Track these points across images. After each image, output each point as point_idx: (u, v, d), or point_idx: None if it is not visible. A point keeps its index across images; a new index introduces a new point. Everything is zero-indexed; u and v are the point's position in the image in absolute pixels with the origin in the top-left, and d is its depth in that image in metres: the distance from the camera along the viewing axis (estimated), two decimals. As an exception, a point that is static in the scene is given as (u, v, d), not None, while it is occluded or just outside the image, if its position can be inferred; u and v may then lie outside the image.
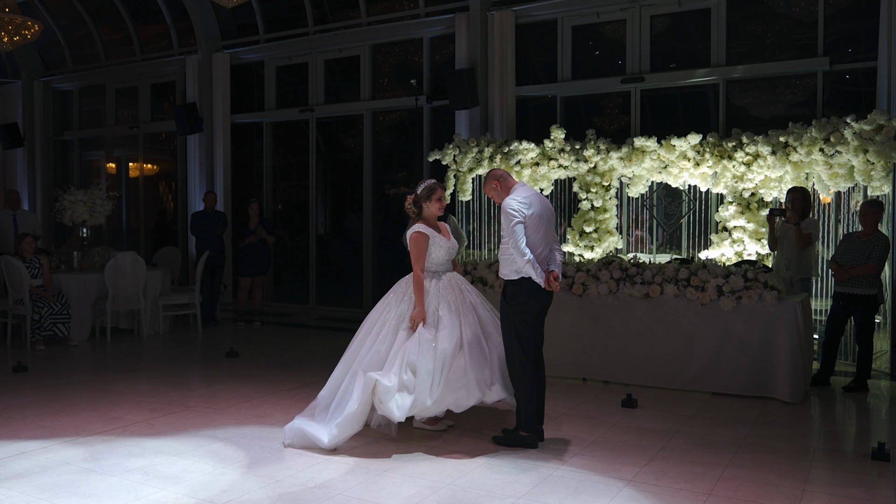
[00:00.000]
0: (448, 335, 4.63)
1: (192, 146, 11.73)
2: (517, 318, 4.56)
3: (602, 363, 6.41)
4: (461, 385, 4.59)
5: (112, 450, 4.56)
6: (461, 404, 4.60)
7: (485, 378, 4.65)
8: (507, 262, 4.59)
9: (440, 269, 4.96)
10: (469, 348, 4.66)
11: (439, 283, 4.86)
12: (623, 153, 8.14)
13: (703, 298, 5.95)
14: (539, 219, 4.55)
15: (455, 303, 4.80)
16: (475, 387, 4.59)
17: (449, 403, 4.59)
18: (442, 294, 4.81)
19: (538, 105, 9.84)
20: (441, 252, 4.92)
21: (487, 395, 4.66)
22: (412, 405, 4.50)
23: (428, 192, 4.94)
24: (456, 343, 4.63)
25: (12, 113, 13.79)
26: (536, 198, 4.62)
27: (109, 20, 12.92)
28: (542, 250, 4.59)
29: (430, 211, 4.95)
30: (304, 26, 11.02)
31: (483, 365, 4.66)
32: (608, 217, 8.45)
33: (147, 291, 8.71)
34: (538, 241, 4.56)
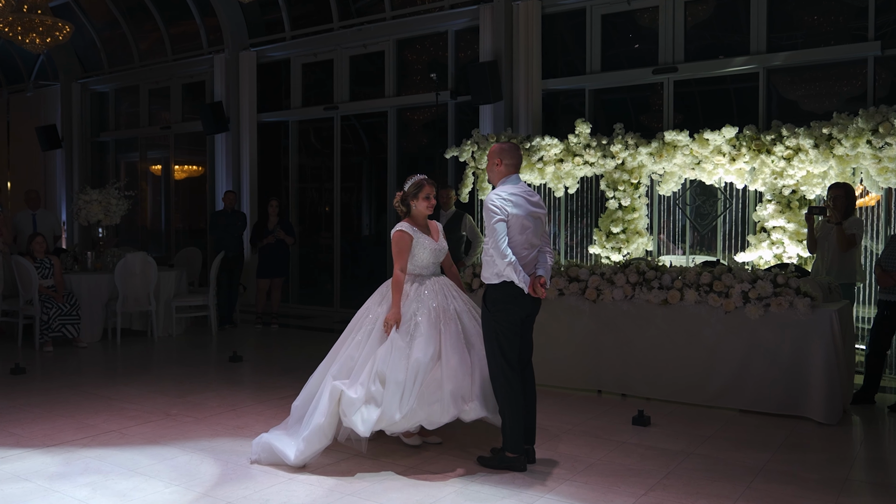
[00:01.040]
0: (424, 344, 4.23)
1: (220, 146, 11.61)
2: (499, 325, 4.12)
3: (618, 374, 5.89)
4: (435, 399, 4.17)
5: (71, 461, 4.30)
6: (434, 420, 4.19)
7: (463, 393, 4.22)
8: (488, 264, 4.15)
9: (425, 272, 4.56)
10: (447, 359, 4.25)
11: (421, 288, 4.46)
12: (653, 148, 7.58)
13: (728, 306, 5.39)
14: (524, 218, 4.10)
15: (437, 310, 4.39)
16: (450, 402, 4.17)
17: (420, 419, 4.18)
18: (423, 299, 4.41)
19: (566, 99, 9.34)
20: (426, 254, 4.52)
21: (465, 413, 4.22)
22: (379, 419, 4.11)
23: (415, 188, 4.55)
24: (433, 353, 4.23)
25: (52, 115, 13.96)
26: (524, 195, 4.18)
27: (142, 21, 12.93)
28: (527, 253, 4.14)
29: (417, 209, 4.55)
30: (328, 22, 10.76)
31: (462, 379, 4.24)
32: (637, 217, 7.90)
33: (160, 292, 8.54)
34: (522, 243, 4.11)
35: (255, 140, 11.41)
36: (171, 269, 8.95)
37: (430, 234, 4.58)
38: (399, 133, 10.44)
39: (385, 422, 4.13)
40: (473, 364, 4.30)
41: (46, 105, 14.08)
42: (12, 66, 14.76)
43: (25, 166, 14.53)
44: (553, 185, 8.24)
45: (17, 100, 14.70)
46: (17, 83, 14.79)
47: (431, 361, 4.20)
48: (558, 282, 6.06)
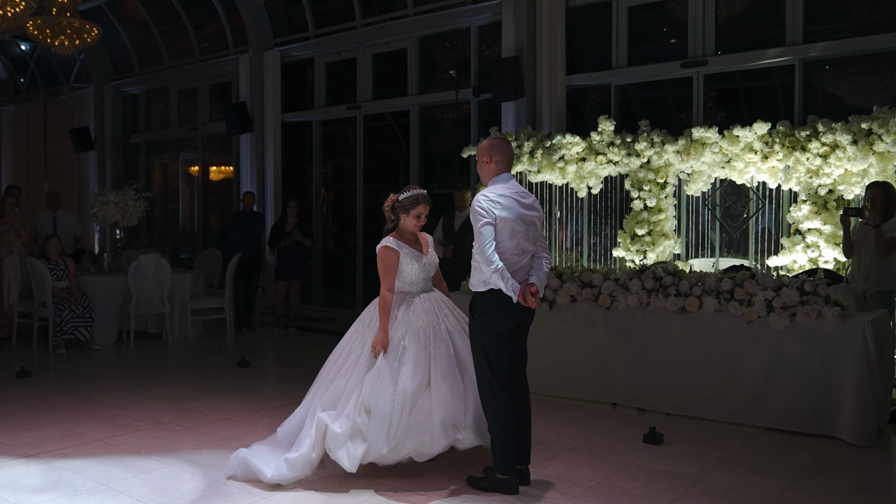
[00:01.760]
0: (411, 371, 3.95)
1: (244, 146, 11.52)
2: (486, 336, 3.81)
3: (633, 387, 5.53)
4: (425, 430, 3.90)
5: (46, 473, 4.15)
6: (424, 452, 3.91)
7: (455, 421, 3.93)
8: (476, 271, 3.85)
9: (414, 288, 4.25)
10: (437, 386, 3.96)
11: (410, 308, 4.17)
12: (680, 146, 7.18)
13: (750, 315, 4.98)
14: (514, 222, 3.78)
15: (426, 331, 4.10)
16: (441, 432, 3.89)
17: (410, 451, 3.91)
18: (411, 320, 4.12)
19: (592, 96, 8.97)
20: (414, 269, 4.21)
21: (458, 442, 3.94)
22: (366, 453, 3.86)
23: (411, 203, 4.20)
24: (420, 381, 3.95)
25: (86, 117, 14.09)
26: (516, 195, 3.85)
27: (170, 22, 12.94)
28: (518, 259, 3.82)
29: (406, 224, 4.26)
30: (351, 19, 10.57)
31: (454, 406, 3.95)
32: (663, 218, 7.49)
33: (175, 295, 8.44)
34: (512, 248, 3.79)
35: (279, 140, 11.29)
36: (188, 271, 8.85)
37: (419, 247, 4.29)
38: (423, 132, 10.19)
39: (373, 455, 3.88)
40: (466, 389, 4.01)
41: (80, 107, 14.23)
42: (49, 69, 14.96)
43: (61, 168, 14.72)
44: (575, 185, 7.89)
45: (53, 103, 14.90)
46: (53, 86, 14.98)
47: (419, 390, 3.94)
48: (570, 287, 5.72)
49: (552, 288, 5.81)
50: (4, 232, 8.31)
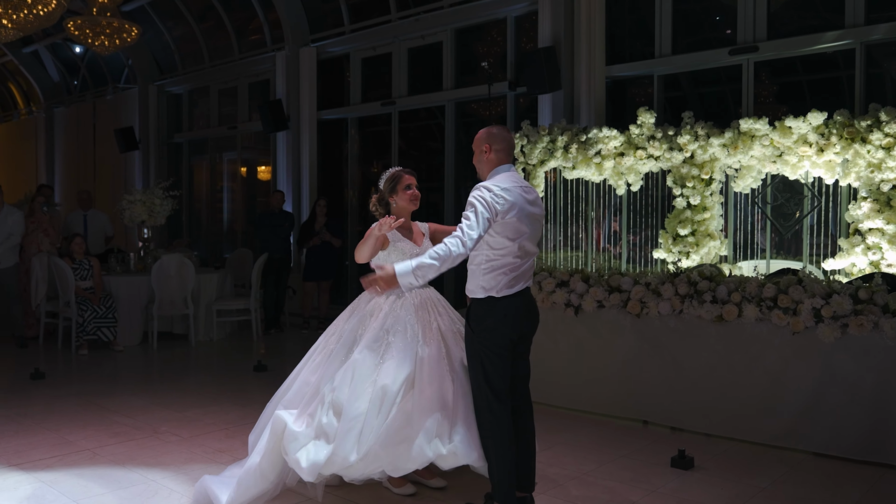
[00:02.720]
0: (394, 368, 3.51)
1: (281, 144, 11.35)
2: (484, 349, 3.38)
3: (665, 403, 5.03)
4: (402, 438, 3.40)
5: (20, 485, 3.92)
6: (400, 466, 3.41)
7: (440, 432, 3.43)
8: (474, 274, 3.44)
9: None
10: (421, 390, 3.49)
11: (399, 301, 3.75)
12: (726, 139, 6.59)
13: (796, 325, 4.44)
14: (519, 221, 3.32)
15: (415, 328, 3.67)
16: (423, 443, 3.37)
17: (384, 463, 3.42)
18: (399, 314, 3.70)
19: (634, 87, 8.43)
20: (403, 260, 3.79)
21: (442, 458, 3.42)
22: (329, 459, 3.37)
23: (391, 182, 3.88)
24: (404, 380, 3.50)
25: (131, 117, 14.18)
26: (520, 190, 3.41)
27: (210, 20, 12.88)
28: (520, 262, 3.38)
29: (399, 206, 3.88)
30: (386, 13, 10.27)
31: (440, 414, 3.46)
32: (708, 217, 6.91)
33: (201, 295, 8.27)
34: (514, 250, 3.33)
35: (314, 138, 11.07)
36: (215, 271, 8.67)
37: (413, 237, 3.90)
38: (458, 128, 9.80)
39: (337, 464, 3.39)
40: (457, 396, 3.53)
41: (126, 108, 14.32)
42: (98, 71, 15.14)
43: (108, 168, 14.86)
44: (613, 182, 7.37)
45: (102, 104, 15.06)
46: (101, 87, 15.15)
47: (402, 390, 3.48)
48: (597, 292, 5.26)
49: (577, 293, 5.36)
50: (33, 231, 8.28)
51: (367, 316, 3.75)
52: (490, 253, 3.35)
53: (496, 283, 3.33)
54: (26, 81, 16.77)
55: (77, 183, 15.29)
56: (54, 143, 16.60)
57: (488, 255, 3.35)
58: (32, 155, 17.08)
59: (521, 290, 3.38)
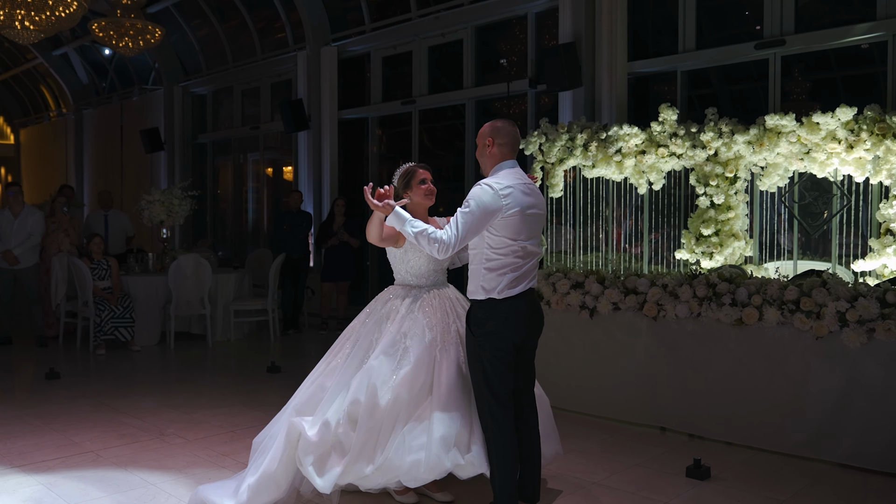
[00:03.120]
0: (410, 376, 3.37)
1: (302, 144, 11.32)
2: (486, 354, 3.24)
3: (683, 410, 4.85)
4: (420, 446, 3.27)
5: (20, 488, 3.88)
6: (418, 476, 3.27)
7: (458, 441, 3.28)
8: (474, 274, 3.31)
9: (422, 281, 3.71)
10: (439, 396, 3.36)
11: (416, 303, 3.60)
12: (751, 136, 6.36)
13: (819, 329, 4.23)
14: (520, 221, 3.19)
15: (433, 331, 3.52)
16: (441, 452, 3.24)
17: (400, 473, 3.28)
18: (417, 317, 3.54)
19: (659, 84, 8.23)
20: (420, 259, 3.68)
21: (460, 468, 3.28)
22: (344, 471, 3.27)
23: (405, 178, 3.75)
24: (421, 388, 3.38)
25: (157, 118, 14.28)
26: (522, 188, 3.26)
27: (233, 21, 12.91)
28: (522, 262, 3.24)
29: (415, 201, 3.75)
30: (407, 11, 10.17)
31: (459, 422, 3.32)
32: (733, 217, 6.68)
33: (218, 295, 8.24)
34: (515, 250, 3.20)
35: (335, 138, 11.01)
36: (233, 271, 8.65)
37: None
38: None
39: (353, 475, 3.29)
40: (475, 404, 3.40)
41: (151, 109, 14.43)
42: (125, 72, 15.28)
43: (134, 168, 14.99)
44: (634, 181, 7.18)
45: (129, 105, 15.19)
46: (128, 88, 15.28)
47: (418, 399, 3.36)
48: (612, 294, 5.09)
49: (592, 294, 5.20)
50: (54, 231, 8.33)
51: (384, 319, 3.63)
52: (490, 252, 3.22)
53: (496, 284, 3.20)
54: (56, 84, 17.00)
55: (105, 183, 15.45)
56: (83, 143, 16.81)
57: (488, 254, 3.22)
58: (62, 156, 17.32)
59: (523, 291, 3.24)
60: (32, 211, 7.98)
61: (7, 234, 7.76)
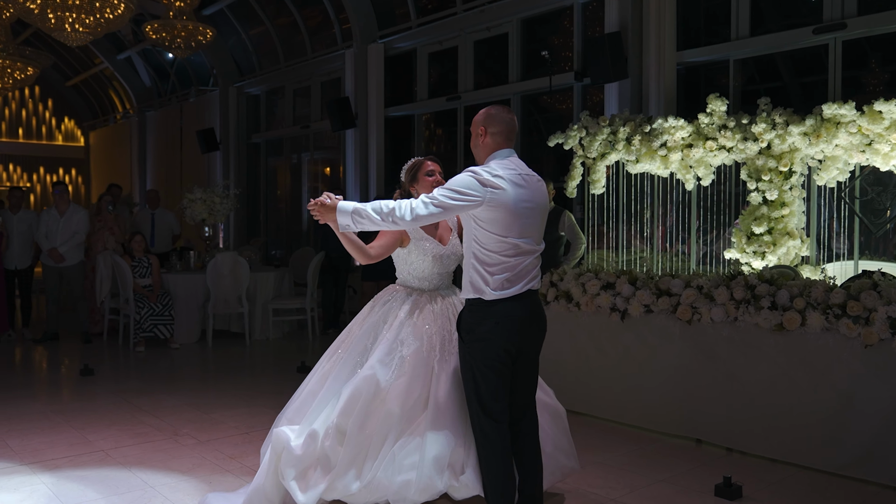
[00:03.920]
0: (404, 388, 3.13)
1: (349, 142, 11.27)
2: (476, 362, 2.96)
3: (719, 421, 4.48)
4: (412, 465, 3.02)
5: (22, 486, 3.85)
6: (408, 497, 3.00)
7: (454, 461, 3.04)
8: (465, 270, 3.03)
9: (425, 284, 3.44)
10: (436, 411, 3.11)
11: (417, 308, 3.34)
12: (807, 127, 5.92)
13: (868, 336, 3.82)
14: (511, 212, 2.89)
15: (432, 339, 3.28)
16: (433, 471, 3.00)
17: (389, 493, 3.02)
18: (417, 323, 3.29)
19: (709, 73, 7.79)
20: (426, 262, 3.39)
21: (454, 489, 3.04)
22: (329, 486, 3.05)
23: (412, 172, 3.47)
24: (415, 402, 3.13)
25: (213, 118, 14.49)
26: (516, 178, 2.95)
27: (284, 20, 12.96)
28: (514, 261, 2.93)
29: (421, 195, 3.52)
30: (452, 6, 9.97)
31: (455, 440, 3.07)
32: (787, 214, 6.23)
33: (257, 294, 8.22)
34: (506, 248, 2.91)
35: (381, 135, 10.90)
36: (274, 270, 8.62)
37: (438, 234, 3.48)
38: (524, 123, 9.39)
39: (338, 492, 3.06)
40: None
41: (208, 110, 14.65)
42: (185, 74, 15.57)
43: (192, 168, 15.25)
44: (681, 176, 6.79)
45: (188, 107, 15.48)
46: (187, 90, 15.58)
47: (411, 414, 3.12)
48: (644, 296, 4.76)
49: (623, 296, 4.88)
50: (99, 229, 8.46)
51: (381, 323, 3.38)
52: (478, 248, 2.95)
53: (485, 283, 2.92)
54: (122, 87, 17.48)
55: (166, 183, 15.80)
56: (146, 144, 17.23)
57: (475, 249, 2.96)
58: (127, 156, 17.81)
59: (518, 293, 2.94)
60: (77, 209, 8.12)
61: (53, 232, 7.92)
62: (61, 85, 19.24)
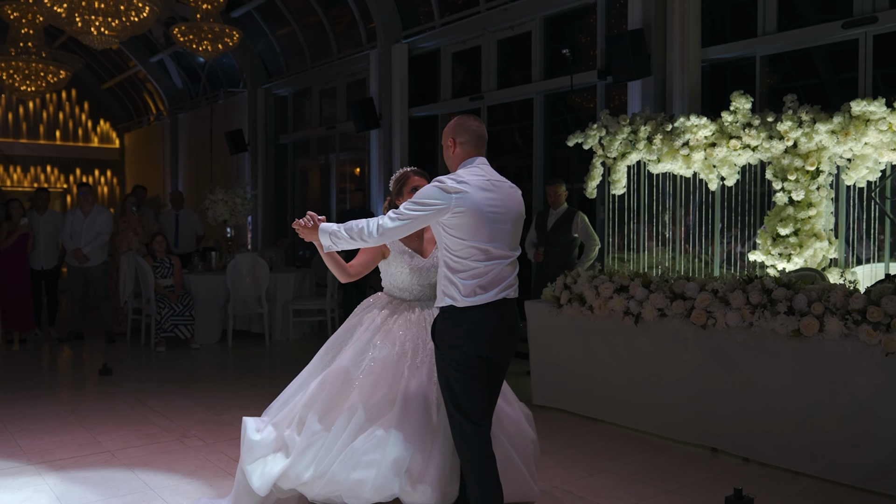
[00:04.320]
0: (370, 386, 3.16)
1: (374, 143, 11.25)
2: (450, 368, 2.91)
3: (735, 429, 4.33)
4: (370, 463, 3.01)
5: (20, 486, 3.88)
6: (362, 495, 3.00)
7: (411, 466, 3.02)
8: (439, 279, 3.00)
9: (406, 295, 3.47)
10: (401, 416, 3.10)
11: (393, 316, 3.39)
12: (835, 125, 5.72)
13: (889, 344, 3.64)
14: (475, 218, 2.85)
15: (405, 346, 3.29)
16: (390, 472, 2.98)
17: (342, 489, 3.03)
18: (392, 330, 3.33)
19: (736, 71, 7.58)
20: (403, 273, 3.41)
21: (407, 494, 3.00)
22: (283, 474, 3.07)
23: (399, 184, 3.51)
24: (380, 402, 3.14)
25: (241, 120, 14.60)
26: (483, 184, 2.91)
27: (310, 21, 13.00)
28: (484, 268, 2.88)
29: None
30: (475, 4, 9.88)
31: (414, 447, 3.05)
32: (814, 215, 6.02)
33: (278, 294, 8.23)
34: (473, 254, 2.87)
35: (405, 136, 10.85)
36: (295, 271, 8.62)
37: (422, 246, 3.48)
38: (546, 124, 9.25)
39: (291, 480, 3.07)
40: (437, 431, 3.12)
41: (237, 111, 14.77)
42: (215, 77, 15.72)
43: (222, 169, 15.39)
44: (704, 176, 6.61)
45: (218, 108, 15.62)
46: (216, 91, 15.73)
47: (375, 412, 3.12)
48: (657, 299, 4.63)
49: (637, 299, 4.75)
50: (124, 230, 8.55)
51: (358, 325, 3.45)
52: (447, 255, 2.94)
53: (456, 290, 2.89)
54: (155, 89, 17.72)
55: (197, 184, 15.97)
56: (178, 146, 17.45)
57: (446, 257, 2.95)
58: (160, 158, 18.05)
59: (490, 301, 2.88)
60: (101, 210, 8.22)
61: (77, 232, 8.02)
62: (97, 88, 19.58)
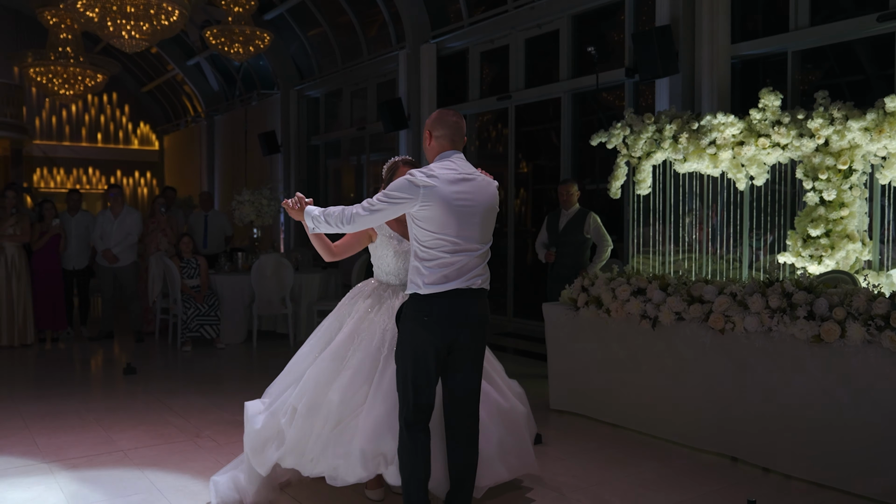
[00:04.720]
0: (347, 381, 3.37)
1: (402, 144, 11.23)
2: (405, 352, 3.03)
3: (755, 438, 4.18)
4: (341, 454, 3.31)
5: (30, 485, 3.92)
6: (338, 476, 3.31)
7: (384, 451, 3.27)
8: (409, 269, 3.07)
9: (391, 279, 3.63)
10: (372, 406, 3.33)
11: (378, 304, 3.55)
12: (868, 121, 5.51)
13: (914, 351, 3.47)
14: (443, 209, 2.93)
15: (384, 336, 3.45)
16: (358, 462, 3.26)
17: (324, 469, 3.34)
18: (374, 321, 3.49)
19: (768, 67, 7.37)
20: (388, 255, 3.57)
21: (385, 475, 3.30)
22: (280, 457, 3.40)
23: (389, 174, 3.67)
24: (355, 395, 3.36)
25: (274, 121, 14.74)
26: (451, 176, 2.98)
27: (341, 23, 13.04)
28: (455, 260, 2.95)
29: None
30: (503, 3, 9.80)
31: (386, 433, 3.27)
32: (846, 215, 5.81)
33: (302, 295, 8.25)
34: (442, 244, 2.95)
35: (433, 137, 10.81)
36: (321, 271, 8.64)
37: (407, 232, 3.50)
38: (574, 122, 9.13)
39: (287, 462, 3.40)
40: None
41: (270, 113, 14.91)
42: (250, 79, 15.90)
43: (256, 171, 15.56)
44: (732, 176, 6.43)
45: (252, 110, 15.80)
46: (250, 93, 15.90)
47: (350, 405, 3.36)
48: (674, 302, 4.50)
49: (654, 302, 4.62)
50: (153, 231, 8.66)
51: (346, 315, 3.62)
52: (417, 245, 3.02)
53: (421, 279, 2.97)
54: (193, 92, 18.00)
55: (232, 185, 16.16)
56: (214, 147, 17.70)
57: (416, 247, 3.03)
58: (197, 159, 18.33)
59: (452, 289, 2.95)
60: (131, 211, 8.34)
61: (107, 233, 8.15)
62: (137, 91, 19.97)
